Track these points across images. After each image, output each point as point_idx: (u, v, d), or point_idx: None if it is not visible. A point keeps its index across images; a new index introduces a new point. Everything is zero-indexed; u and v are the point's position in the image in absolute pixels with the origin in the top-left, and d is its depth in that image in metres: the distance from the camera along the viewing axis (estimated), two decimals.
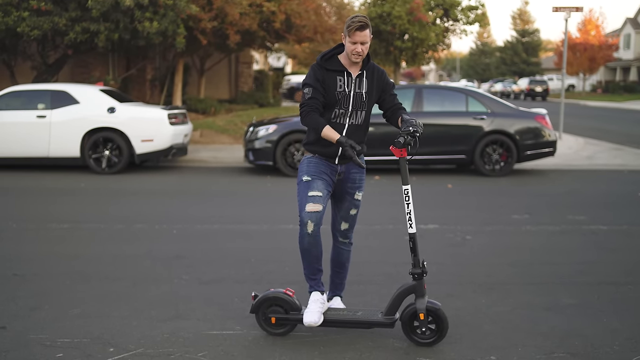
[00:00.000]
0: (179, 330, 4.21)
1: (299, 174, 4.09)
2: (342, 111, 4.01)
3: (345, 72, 4.01)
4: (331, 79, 3.99)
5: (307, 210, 3.91)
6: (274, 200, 8.96)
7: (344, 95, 3.99)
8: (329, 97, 3.98)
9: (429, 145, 10.82)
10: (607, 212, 8.17)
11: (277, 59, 42.79)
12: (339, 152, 4.03)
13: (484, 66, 75.34)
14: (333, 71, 4.00)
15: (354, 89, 4.01)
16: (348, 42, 3.93)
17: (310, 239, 3.93)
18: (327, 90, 3.97)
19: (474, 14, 22.50)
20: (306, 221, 3.90)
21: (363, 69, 4.05)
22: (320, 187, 3.98)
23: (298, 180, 4.08)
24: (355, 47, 3.91)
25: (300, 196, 3.99)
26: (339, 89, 3.98)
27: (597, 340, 4.10)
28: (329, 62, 4.03)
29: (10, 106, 11.29)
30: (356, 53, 3.92)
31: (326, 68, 4.01)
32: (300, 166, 4.12)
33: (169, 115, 11.43)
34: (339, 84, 3.99)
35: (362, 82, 4.04)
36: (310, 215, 3.90)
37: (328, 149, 4.03)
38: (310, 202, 3.92)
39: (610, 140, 17.38)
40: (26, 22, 13.16)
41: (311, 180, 4.00)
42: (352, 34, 3.88)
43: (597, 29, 49.29)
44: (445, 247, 6.41)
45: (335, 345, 4.00)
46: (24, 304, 4.66)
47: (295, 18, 16.92)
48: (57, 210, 8.06)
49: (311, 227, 3.89)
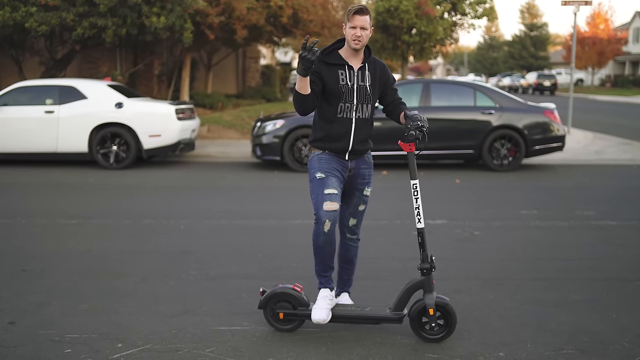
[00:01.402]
0: (187, 326, 4.21)
1: (310, 170, 4.05)
2: (348, 105, 3.97)
3: (346, 66, 3.97)
4: (332, 72, 3.95)
5: (325, 209, 3.87)
6: (282, 195, 8.95)
7: (348, 88, 3.96)
8: (332, 91, 3.94)
9: (437, 140, 10.78)
10: (616, 207, 8.13)
11: (285, 53, 42.73)
12: (349, 147, 4.01)
13: (492, 60, 75.02)
14: (334, 65, 3.97)
15: (357, 82, 3.98)
16: (348, 28, 3.90)
17: (325, 237, 3.90)
18: (329, 84, 3.94)
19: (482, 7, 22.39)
20: (324, 220, 3.86)
21: (365, 62, 4.03)
22: (335, 185, 3.95)
23: (311, 177, 4.02)
24: (355, 31, 3.87)
25: (316, 193, 3.94)
26: (342, 82, 3.95)
27: (606, 337, 4.08)
28: (329, 57, 4.00)
29: (18, 101, 11.32)
30: (356, 38, 3.88)
31: (326, 62, 3.97)
32: (311, 162, 4.07)
33: (177, 110, 11.44)
34: (340, 77, 3.95)
35: (365, 75, 4.01)
36: (328, 214, 3.86)
37: (338, 144, 4.00)
38: (328, 201, 3.88)
39: (619, 135, 17.28)
40: (34, 17, 13.18)
41: (325, 178, 3.95)
42: (352, 17, 3.86)
43: (606, 23, 48.99)
44: (453, 243, 6.39)
45: (343, 342, 3.99)
46: (33, 300, 4.68)
47: (303, 13, 16.89)
48: (65, 206, 8.09)
49: (328, 225, 3.86)
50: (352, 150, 4.02)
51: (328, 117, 4.00)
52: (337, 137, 3.98)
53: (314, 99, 3.91)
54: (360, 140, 4.03)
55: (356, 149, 4.03)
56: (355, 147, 4.02)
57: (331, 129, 3.98)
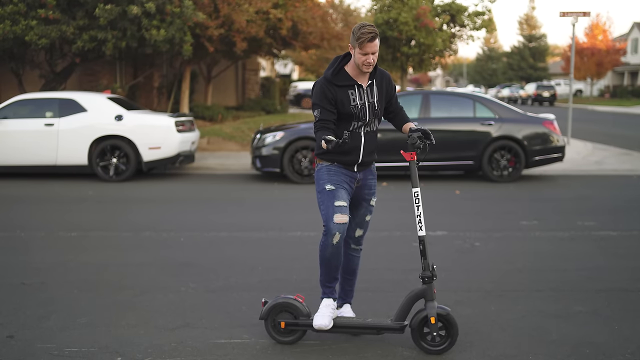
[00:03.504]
0: (187, 339, 4.19)
1: (318, 182, 4.04)
2: (361, 123, 4.00)
3: (356, 85, 3.98)
4: (343, 94, 3.95)
5: (336, 222, 3.86)
6: (282, 207, 8.94)
7: (359, 108, 3.96)
8: (344, 112, 3.95)
9: (437, 151, 10.76)
10: (616, 218, 8.11)
11: (284, 65, 42.88)
12: (359, 160, 4.02)
13: (491, 72, 75.18)
14: (344, 86, 3.96)
15: (368, 99, 3.99)
16: (358, 54, 3.87)
17: (333, 249, 3.90)
18: (341, 106, 3.94)
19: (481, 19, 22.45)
20: (334, 232, 3.86)
21: (372, 79, 4.03)
22: (345, 197, 3.96)
23: (319, 188, 4.02)
24: (366, 57, 3.86)
25: (326, 205, 3.93)
26: (353, 103, 3.95)
27: (608, 348, 4.05)
28: (338, 77, 3.97)
29: (18, 114, 11.33)
30: (367, 64, 3.89)
31: (336, 84, 3.96)
32: (319, 174, 4.05)
33: (177, 122, 11.45)
34: (351, 97, 3.95)
35: (374, 92, 4.03)
36: (339, 227, 3.86)
37: (348, 157, 4.01)
38: (338, 213, 3.88)
39: (619, 145, 17.29)
40: (34, 30, 13.22)
41: (335, 190, 3.95)
42: (364, 45, 3.82)
43: (604, 34, 49.15)
44: (454, 254, 6.37)
45: (344, 354, 3.97)
46: (32, 313, 4.65)
47: (302, 25, 16.95)
48: (65, 219, 8.07)
49: (337, 238, 3.87)
50: (362, 162, 4.04)
51: (340, 133, 3.98)
52: (348, 150, 3.99)
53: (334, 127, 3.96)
54: (369, 152, 4.07)
55: (365, 160, 4.05)
56: (365, 159, 4.04)
57: (343, 144, 3.98)
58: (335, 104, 3.94)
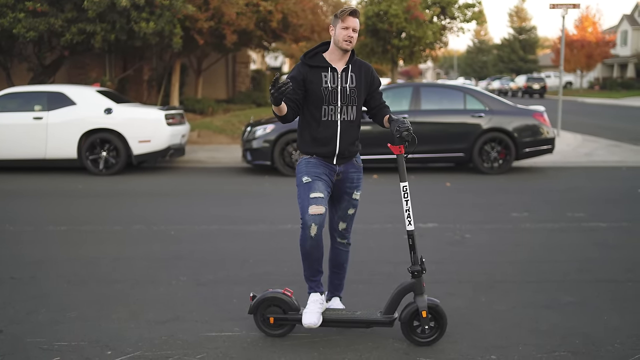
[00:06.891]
0: (177, 333, 4.18)
1: (297, 175, 4.02)
2: (332, 107, 3.96)
3: (329, 68, 3.97)
4: (315, 75, 3.95)
5: (311, 213, 3.82)
6: (272, 200, 8.93)
7: (331, 91, 3.95)
8: (315, 94, 3.94)
9: (427, 144, 10.80)
10: (606, 209, 8.15)
11: (274, 58, 42.73)
12: (335, 150, 4.00)
13: (482, 64, 75.33)
14: (317, 67, 3.96)
15: (341, 83, 3.97)
16: (340, 28, 3.89)
17: (312, 242, 3.86)
18: (312, 87, 3.94)
19: (471, 11, 22.43)
20: (310, 224, 3.81)
21: (348, 64, 4.02)
22: (322, 188, 3.92)
23: (297, 181, 4.00)
24: (347, 32, 3.87)
25: (302, 198, 3.91)
26: (324, 85, 3.94)
27: (598, 339, 4.08)
28: (313, 59, 3.99)
29: (7, 108, 11.25)
30: (348, 38, 3.88)
31: (310, 65, 3.97)
32: (299, 167, 4.05)
33: (166, 115, 11.40)
34: (324, 79, 3.95)
35: (349, 77, 4.00)
36: (314, 218, 3.81)
37: (324, 148, 3.99)
38: (313, 205, 3.84)
39: (608, 137, 17.37)
40: (22, 23, 13.11)
41: (312, 182, 3.92)
42: (345, 18, 3.86)
43: (594, 26, 49.29)
44: (445, 246, 6.39)
45: (335, 347, 3.97)
46: (21, 308, 4.63)
47: (292, 17, 16.90)
48: (54, 212, 8.03)
49: (314, 230, 3.81)
50: (340, 154, 4.00)
51: (313, 120, 3.98)
52: (323, 140, 3.97)
53: (294, 110, 3.94)
54: (347, 143, 4.01)
55: (343, 152, 4.01)
56: (342, 150, 4.00)
57: (317, 132, 3.97)
58: (304, 84, 3.94)
